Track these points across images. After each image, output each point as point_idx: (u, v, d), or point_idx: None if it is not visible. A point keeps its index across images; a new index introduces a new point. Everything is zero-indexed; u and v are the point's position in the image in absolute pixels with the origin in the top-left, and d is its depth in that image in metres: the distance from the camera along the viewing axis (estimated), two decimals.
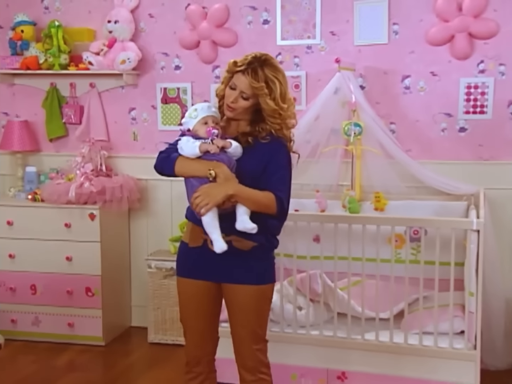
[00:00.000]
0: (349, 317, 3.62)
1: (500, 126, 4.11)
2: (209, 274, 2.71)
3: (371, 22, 4.21)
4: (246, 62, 2.57)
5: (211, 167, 2.51)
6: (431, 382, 3.52)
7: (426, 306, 3.59)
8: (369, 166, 4.11)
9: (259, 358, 2.76)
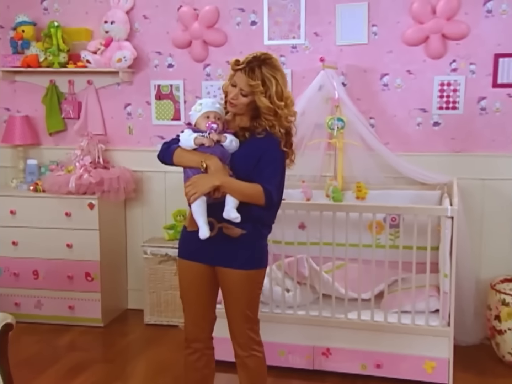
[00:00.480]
0: (333, 298, 3.69)
1: (470, 121, 4.19)
2: (204, 257, 2.77)
3: (352, 24, 4.25)
4: (246, 61, 2.63)
5: (203, 159, 2.59)
6: (408, 357, 3.61)
7: (404, 287, 3.66)
8: (350, 158, 4.17)
9: (250, 336, 2.83)
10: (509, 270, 4.12)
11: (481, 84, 4.15)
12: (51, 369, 3.79)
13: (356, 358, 3.70)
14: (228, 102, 2.70)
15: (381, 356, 3.66)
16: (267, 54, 2.68)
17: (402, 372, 3.63)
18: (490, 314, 3.91)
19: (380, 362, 3.65)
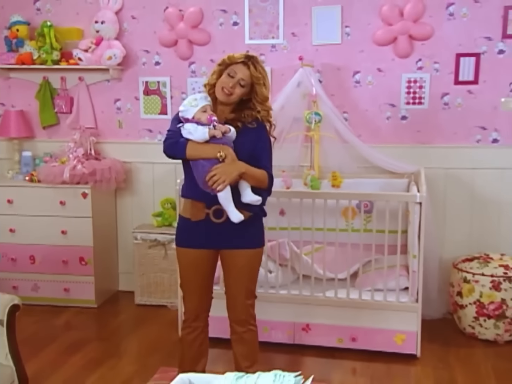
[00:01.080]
0: (312, 278, 3.78)
1: (434, 115, 4.29)
2: (210, 243, 2.83)
3: (326, 25, 4.29)
4: (244, 56, 2.73)
5: (219, 149, 2.64)
6: (381, 331, 3.72)
7: (377, 267, 3.75)
8: (326, 149, 4.23)
9: (250, 312, 2.93)
10: (469, 250, 4.23)
11: (444, 81, 4.24)
12: (50, 347, 3.82)
13: (333, 333, 3.78)
14: (222, 91, 2.73)
15: (356, 330, 3.75)
16: (255, 56, 2.80)
17: (375, 344, 3.74)
18: (453, 290, 4.05)
19: (355, 336, 3.75)
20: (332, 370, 3.57)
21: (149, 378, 3.42)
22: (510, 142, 4.22)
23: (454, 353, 3.80)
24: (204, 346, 3.02)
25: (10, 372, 2.66)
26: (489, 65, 4.16)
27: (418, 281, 3.64)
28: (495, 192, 4.27)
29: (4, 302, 2.74)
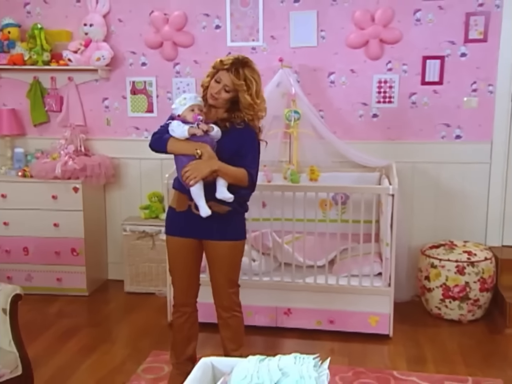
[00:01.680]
0: (293, 265, 3.82)
1: (403, 113, 4.34)
2: (192, 233, 2.84)
3: (303, 29, 4.31)
4: (230, 62, 2.70)
5: (197, 147, 2.65)
6: (356, 313, 3.77)
7: (353, 254, 3.81)
8: (304, 145, 4.26)
9: (233, 299, 2.95)
10: (435, 238, 4.32)
11: (412, 82, 4.29)
12: (45, 334, 3.81)
13: (312, 316, 3.83)
14: (210, 95, 2.74)
15: (334, 313, 3.80)
16: (246, 58, 2.76)
17: (351, 326, 3.79)
18: (421, 275, 4.14)
19: (332, 319, 3.80)
20: (312, 351, 3.47)
21: (142, 361, 3.45)
22: (472, 138, 4.30)
23: (423, 333, 3.88)
24: (193, 330, 3.05)
25: (14, 357, 2.67)
26: (452, 67, 4.23)
27: (391, 267, 3.70)
28: (458, 184, 4.35)
29: (6, 292, 2.74)
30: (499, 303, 4.06)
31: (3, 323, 2.71)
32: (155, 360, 3.46)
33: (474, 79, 4.24)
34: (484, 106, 4.26)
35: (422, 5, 4.18)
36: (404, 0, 4.19)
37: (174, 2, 4.41)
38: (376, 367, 3.39)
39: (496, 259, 4.10)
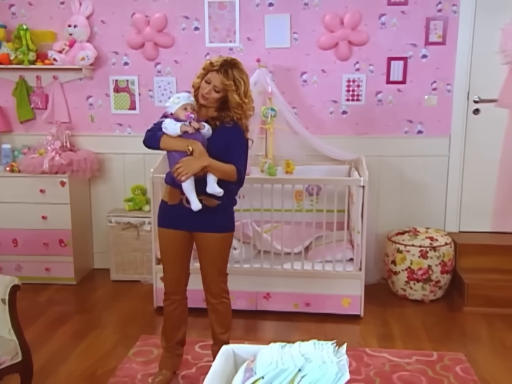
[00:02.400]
0: (272, 253, 3.85)
1: (370, 110, 4.39)
2: (183, 225, 2.84)
3: (277, 31, 4.32)
4: (219, 64, 2.70)
5: (189, 143, 2.65)
6: (330, 296, 3.83)
7: (327, 241, 3.86)
8: (279, 140, 4.26)
9: (221, 286, 2.96)
10: (400, 225, 4.40)
11: (378, 81, 4.35)
12: (37, 321, 3.77)
13: (290, 299, 3.87)
14: (201, 96, 2.74)
15: (309, 297, 3.86)
16: (235, 59, 2.77)
17: (326, 308, 3.85)
18: (388, 259, 4.23)
19: (308, 301, 3.86)
20: (290, 332, 3.67)
21: (132, 345, 3.45)
22: (432, 133, 4.39)
23: (390, 312, 3.97)
24: (183, 316, 3.05)
25: (14, 345, 2.65)
26: (414, 67, 4.30)
27: (361, 253, 3.77)
28: (420, 175, 4.44)
29: (5, 282, 2.71)
30: (458, 284, 4.19)
31: (2, 312, 2.68)
32: (144, 344, 3.47)
33: (434, 79, 4.32)
34: (443, 104, 4.35)
35: (387, 10, 4.24)
36: (370, 5, 4.24)
37: (155, 4, 4.37)
38: (350, 345, 3.35)
39: (455, 243, 4.22)
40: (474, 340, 3.56)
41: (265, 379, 1.64)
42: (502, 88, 4.31)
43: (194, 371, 3.15)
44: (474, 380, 3.06)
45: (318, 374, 1.65)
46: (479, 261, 4.20)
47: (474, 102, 4.36)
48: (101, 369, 3.19)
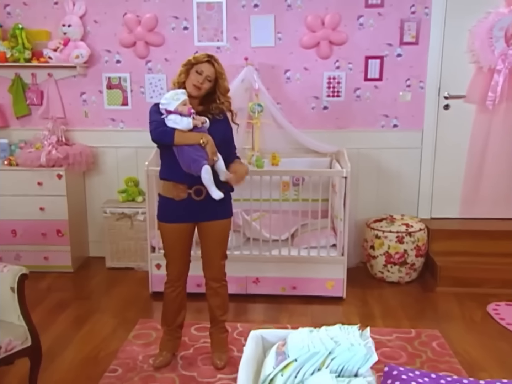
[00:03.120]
0: (260, 240, 3.90)
1: (349, 105, 4.44)
2: (190, 218, 2.85)
3: (262, 31, 4.33)
4: (206, 56, 2.76)
5: (201, 136, 2.67)
6: (315, 279, 3.89)
7: (312, 229, 3.90)
8: (265, 134, 4.27)
9: (223, 270, 3.01)
10: (377, 213, 4.48)
11: (356, 78, 4.40)
12: (39, 308, 3.74)
13: (278, 283, 3.92)
14: (193, 86, 2.75)
15: (296, 280, 3.91)
16: (214, 55, 2.81)
17: (311, 290, 3.91)
18: (367, 245, 4.31)
19: (295, 285, 3.91)
20: (278, 313, 3.73)
21: (131, 329, 3.47)
22: (406, 127, 4.46)
23: (370, 294, 4.05)
24: (183, 301, 3.08)
25: (23, 330, 2.65)
26: (390, 65, 4.36)
27: (344, 239, 3.83)
28: (395, 166, 4.52)
29: (14, 272, 2.72)
30: (430, 266, 4.29)
31: (11, 300, 2.68)
32: (143, 327, 3.49)
33: (408, 76, 4.39)
34: (416, 100, 4.42)
35: (365, 12, 4.29)
36: (349, 7, 4.28)
37: (145, 5, 4.34)
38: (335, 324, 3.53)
39: (428, 229, 4.32)
40: (447, 318, 3.67)
41: (298, 362, 1.66)
42: (469, 85, 4.36)
43: (192, 352, 3.19)
44: (450, 354, 3.17)
45: (347, 356, 1.68)
46: (449, 245, 4.30)
47: (444, 98, 4.44)
48: (104, 351, 3.21)
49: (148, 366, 3.03)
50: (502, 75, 4.24)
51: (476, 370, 2.99)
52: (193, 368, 3.01)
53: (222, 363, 3.01)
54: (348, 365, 1.68)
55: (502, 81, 4.24)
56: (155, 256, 3.92)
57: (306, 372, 1.62)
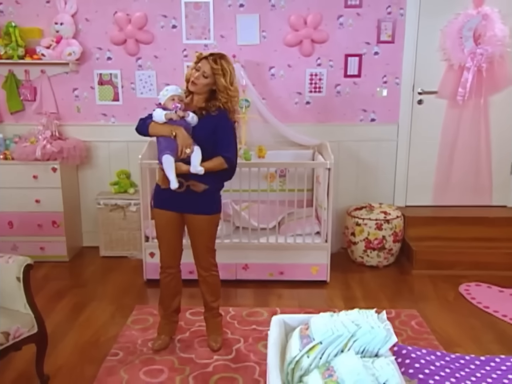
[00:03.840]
0: (249, 229, 3.95)
1: (330, 101, 4.48)
2: (176, 207, 2.86)
3: (248, 29, 4.34)
4: (209, 54, 2.76)
5: (172, 129, 2.69)
6: (301, 265, 3.95)
7: (297, 217, 3.97)
8: (251, 128, 4.27)
9: (210, 261, 3.01)
10: (356, 202, 4.56)
11: (337, 75, 4.44)
12: (38, 296, 3.51)
13: (265, 269, 3.97)
14: (190, 82, 2.76)
15: (283, 266, 3.97)
16: (223, 53, 2.81)
17: (297, 275, 3.97)
18: (348, 232, 4.39)
19: (282, 270, 3.97)
20: (267, 297, 3.79)
21: (128, 314, 3.49)
22: (383, 121, 4.53)
23: (351, 277, 4.14)
24: (178, 287, 3.11)
25: (30, 318, 2.66)
26: (368, 63, 4.41)
27: (328, 227, 3.89)
28: (373, 157, 4.60)
29: (19, 262, 2.72)
30: (406, 251, 4.40)
31: (17, 289, 2.68)
32: (139, 313, 3.51)
33: (385, 73, 4.45)
34: (392, 95, 4.49)
35: (344, 12, 4.33)
36: (330, 7, 4.31)
37: (135, 4, 4.31)
38: (321, 307, 3.60)
39: (404, 216, 4.42)
40: (423, 298, 3.78)
41: (323, 344, 1.69)
42: (441, 81, 4.49)
43: (188, 335, 3.23)
44: (427, 331, 3.28)
45: (368, 338, 1.70)
46: (423, 231, 4.41)
47: (418, 93, 4.52)
48: (104, 336, 3.23)
49: (148, 349, 3.06)
50: (471, 72, 4.36)
51: (452, 345, 3.11)
52: (191, 350, 3.06)
53: (218, 345, 3.06)
54: (369, 347, 1.72)
55: (471, 78, 4.37)
56: (148, 245, 3.93)
57: (330, 354, 1.66)
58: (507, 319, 3.45)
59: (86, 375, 2.84)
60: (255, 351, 3.05)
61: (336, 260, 4.31)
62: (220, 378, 2.79)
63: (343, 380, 1.52)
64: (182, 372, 2.84)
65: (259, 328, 3.31)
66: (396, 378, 1.58)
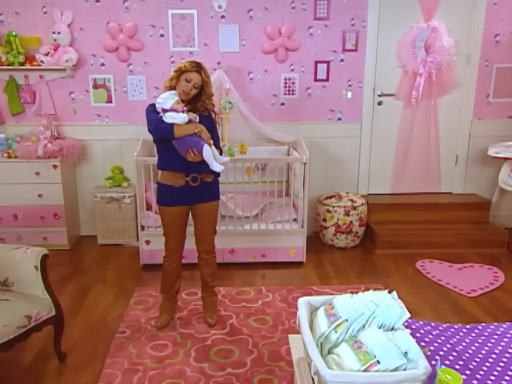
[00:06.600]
0: (234, 217, 4.01)
1: (302, 102, 4.55)
2: (188, 201, 2.92)
3: (229, 38, 4.37)
4: (195, 65, 2.81)
5: (196, 126, 2.76)
6: (280, 248, 4.04)
7: (277, 206, 4.07)
8: (233, 126, 4.33)
9: (213, 243, 3.10)
10: (326, 191, 4.67)
11: (308, 79, 4.50)
12: None
13: (249, 253, 4.05)
14: (183, 92, 2.81)
15: (265, 250, 4.05)
16: (201, 63, 2.87)
17: (277, 257, 4.06)
18: (320, 218, 4.49)
19: (264, 253, 4.05)
20: (252, 277, 3.88)
21: (130, 296, 3.54)
22: (348, 120, 4.63)
23: (324, 258, 4.25)
24: (179, 271, 3.16)
25: (48, 303, 2.70)
26: (335, 69, 4.50)
27: (304, 214, 4.00)
28: (340, 152, 4.70)
29: (37, 252, 2.74)
30: (370, 233, 4.55)
31: (36, 277, 2.71)
32: (140, 294, 3.57)
33: (349, 78, 4.54)
34: (356, 97, 4.59)
35: (314, 24, 4.41)
36: (301, 19, 4.38)
37: (126, 15, 4.29)
38: (300, 285, 3.73)
39: (367, 203, 4.58)
40: (386, 274, 3.95)
41: (349, 321, 1.76)
42: (397, 85, 4.63)
43: (186, 313, 3.31)
44: None
45: (386, 314, 1.77)
46: (384, 216, 4.58)
47: (378, 95, 4.64)
48: (110, 316, 3.28)
49: (151, 327, 3.14)
50: (423, 78, 4.55)
51: (414, 314, 3.25)
52: (190, 326, 3.15)
53: (214, 321, 3.16)
54: (386, 322, 1.79)
55: (423, 82, 4.56)
56: (144, 233, 3.98)
57: (354, 329, 1.73)
58: (457, 289, 3.68)
59: (99, 351, 2.91)
60: (247, 325, 3.16)
61: (310, 243, 4.36)
62: (219, 350, 2.90)
63: (372, 350, 1.61)
64: (184, 346, 2.93)
65: (248, 305, 3.42)
66: (416, 347, 1.67)
